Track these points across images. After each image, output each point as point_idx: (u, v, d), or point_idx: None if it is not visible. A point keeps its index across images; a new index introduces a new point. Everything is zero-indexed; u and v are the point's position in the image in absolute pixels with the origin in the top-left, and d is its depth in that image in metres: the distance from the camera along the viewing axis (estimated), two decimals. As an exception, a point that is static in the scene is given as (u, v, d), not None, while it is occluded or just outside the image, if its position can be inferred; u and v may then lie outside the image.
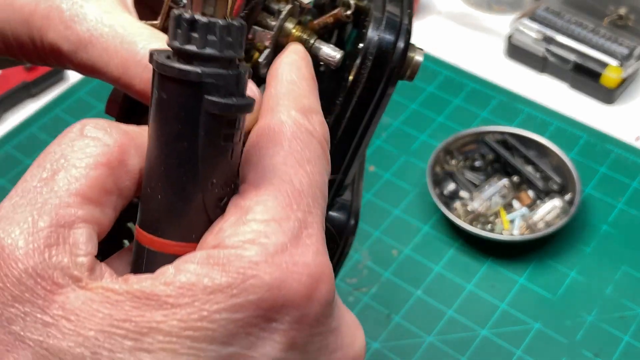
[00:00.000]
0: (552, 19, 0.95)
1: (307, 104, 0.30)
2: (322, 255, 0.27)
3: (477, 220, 0.79)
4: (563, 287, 0.75)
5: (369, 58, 0.30)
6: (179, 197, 0.27)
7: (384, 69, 0.31)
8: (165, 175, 0.27)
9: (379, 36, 0.30)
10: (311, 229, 0.27)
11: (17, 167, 0.87)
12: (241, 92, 0.26)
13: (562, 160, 0.81)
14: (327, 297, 0.27)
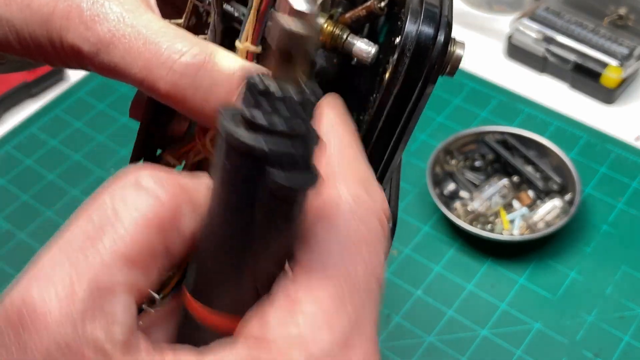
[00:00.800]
0: (552, 19, 0.95)
1: (363, 173, 0.28)
2: (372, 357, 0.26)
3: (477, 220, 0.79)
4: (563, 287, 0.75)
5: (406, 54, 0.28)
6: (230, 269, 0.25)
7: (423, 65, 0.29)
8: (220, 244, 0.25)
9: (418, 30, 0.28)
10: (363, 328, 0.26)
11: (17, 167, 0.87)
12: (306, 166, 0.24)
13: (562, 160, 0.81)
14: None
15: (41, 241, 0.80)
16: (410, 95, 0.29)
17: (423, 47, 0.28)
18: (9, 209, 0.83)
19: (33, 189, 0.85)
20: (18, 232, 0.81)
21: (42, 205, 0.83)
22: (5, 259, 0.79)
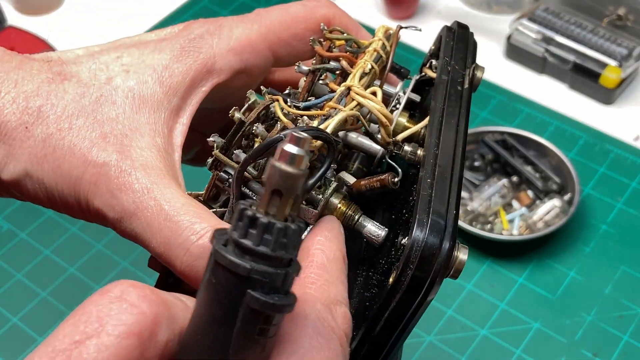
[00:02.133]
0: (552, 19, 0.96)
1: (334, 294, 0.29)
2: None
3: (477, 220, 0.79)
4: (562, 287, 0.75)
5: (411, 264, 0.29)
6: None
7: (426, 274, 0.30)
8: (197, 351, 0.27)
9: (423, 240, 0.29)
10: None
11: (18, 167, 0.87)
12: (285, 290, 0.26)
13: (562, 160, 0.81)
14: None
15: (41, 241, 0.80)
16: (413, 301, 0.31)
17: (427, 257, 0.29)
18: (10, 209, 0.83)
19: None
20: (19, 232, 0.81)
21: (43, 205, 0.83)
22: (5, 258, 0.79)
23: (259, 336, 0.26)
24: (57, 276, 0.77)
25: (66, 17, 1.05)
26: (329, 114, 0.33)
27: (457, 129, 0.33)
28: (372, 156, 0.35)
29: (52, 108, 0.31)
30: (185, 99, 0.33)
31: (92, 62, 0.32)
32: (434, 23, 1.05)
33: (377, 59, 0.35)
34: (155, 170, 0.30)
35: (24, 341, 0.72)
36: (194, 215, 0.29)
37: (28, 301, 0.75)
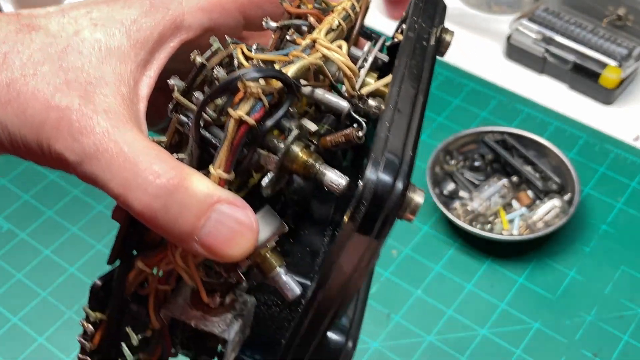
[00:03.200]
0: (552, 19, 0.96)
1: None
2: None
3: (477, 220, 0.79)
4: (562, 287, 0.75)
5: (363, 203, 0.29)
6: None
7: (380, 209, 0.29)
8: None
9: (377, 179, 0.28)
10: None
11: (18, 167, 0.87)
12: None
13: (562, 160, 0.81)
14: None
15: (42, 241, 0.80)
16: (365, 242, 0.30)
17: (380, 195, 0.28)
18: (10, 209, 0.83)
19: (34, 189, 0.85)
20: (19, 232, 0.81)
21: (43, 205, 0.83)
22: (6, 258, 0.79)
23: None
24: (57, 276, 0.77)
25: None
26: (292, 61, 0.32)
27: (420, 80, 0.32)
28: (339, 115, 0.34)
29: (17, 55, 0.31)
30: (153, 53, 0.33)
31: (61, 16, 0.33)
32: (434, 23, 1.05)
33: (345, 17, 0.35)
34: (117, 115, 0.30)
35: (24, 341, 0.72)
36: (154, 157, 0.29)
37: (28, 301, 0.75)
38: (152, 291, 0.33)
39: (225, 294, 0.33)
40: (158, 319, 0.33)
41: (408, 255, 0.78)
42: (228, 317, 0.33)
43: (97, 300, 0.34)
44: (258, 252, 0.30)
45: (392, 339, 0.72)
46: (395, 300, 0.74)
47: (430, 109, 0.93)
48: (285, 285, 0.31)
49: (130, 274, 0.33)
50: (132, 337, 0.33)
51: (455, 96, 0.94)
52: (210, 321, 0.33)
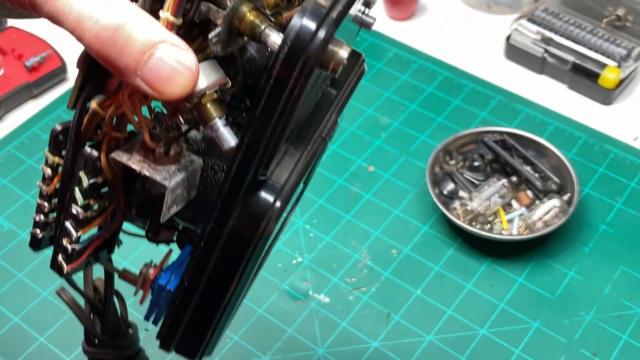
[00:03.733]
0: (551, 19, 0.96)
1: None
2: None
3: (476, 220, 0.79)
4: (562, 287, 0.75)
5: (287, 43, 0.30)
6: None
7: (299, 56, 0.30)
8: None
9: (301, 24, 0.29)
10: None
11: (19, 167, 0.87)
12: None
13: (561, 160, 0.81)
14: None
15: (43, 241, 0.80)
16: (287, 83, 0.31)
17: (301, 40, 0.29)
18: (11, 209, 0.83)
19: (35, 189, 0.85)
20: (20, 232, 0.81)
21: (43, 205, 0.84)
22: (6, 258, 0.79)
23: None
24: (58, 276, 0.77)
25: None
26: None
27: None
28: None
29: None
30: None
31: None
32: (433, 23, 1.06)
33: None
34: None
35: (25, 341, 0.72)
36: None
37: (29, 301, 0.75)
38: (105, 135, 0.35)
39: (170, 145, 0.34)
40: (108, 164, 0.35)
41: (407, 255, 0.78)
42: (172, 169, 0.35)
43: (56, 144, 0.37)
44: (198, 100, 0.32)
45: (392, 338, 0.72)
46: (394, 299, 0.75)
47: (429, 109, 0.93)
48: (222, 135, 0.32)
49: (85, 116, 0.35)
50: (84, 179, 0.35)
51: (455, 96, 0.95)
52: (154, 169, 0.34)
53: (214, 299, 0.37)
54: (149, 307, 0.40)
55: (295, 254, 0.79)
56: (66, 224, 0.37)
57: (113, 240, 0.41)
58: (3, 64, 0.95)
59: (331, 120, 0.40)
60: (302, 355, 0.71)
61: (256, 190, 0.34)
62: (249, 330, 0.73)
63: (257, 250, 0.35)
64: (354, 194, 0.84)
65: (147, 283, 0.39)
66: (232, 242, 0.34)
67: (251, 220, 0.34)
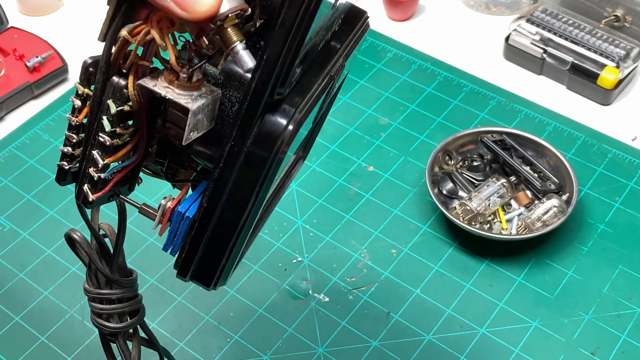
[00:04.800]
0: (550, 20, 0.96)
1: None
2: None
3: (476, 220, 0.80)
4: (561, 286, 0.76)
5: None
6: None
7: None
8: None
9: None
10: None
11: (21, 167, 0.88)
12: None
13: (560, 160, 0.82)
14: None
15: (44, 240, 0.80)
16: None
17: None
18: (12, 208, 0.84)
19: (36, 189, 0.86)
20: (21, 231, 0.81)
21: (44, 205, 0.84)
22: (7, 257, 0.79)
23: None
24: (58, 275, 0.78)
25: (67, 18, 1.06)
26: None
27: None
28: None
29: None
30: None
31: None
32: (433, 24, 1.06)
33: None
34: None
35: (25, 340, 0.73)
36: None
37: (30, 300, 0.76)
38: (133, 64, 0.37)
39: (193, 71, 0.37)
40: (135, 91, 0.37)
41: (407, 255, 0.79)
42: (194, 94, 0.37)
43: (87, 76, 0.40)
44: (221, 22, 0.35)
45: (392, 338, 0.72)
46: (394, 299, 0.75)
47: (429, 110, 0.93)
48: (242, 57, 0.35)
49: (114, 45, 0.37)
50: (112, 106, 0.37)
51: (454, 96, 0.95)
52: (178, 94, 0.37)
53: (230, 220, 0.39)
54: (167, 237, 0.42)
55: (295, 253, 0.79)
56: (93, 153, 0.39)
57: (134, 176, 0.43)
58: (4, 64, 0.96)
59: (339, 63, 0.43)
60: (302, 354, 0.71)
61: (272, 112, 0.37)
62: (249, 329, 0.73)
63: (272, 171, 0.38)
64: (353, 194, 0.85)
65: (166, 214, 0.41)
66: (249, 161, 0.37)
67: (266, 141, 0.37)
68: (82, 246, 0.47)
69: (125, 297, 0.49)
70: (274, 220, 0.82)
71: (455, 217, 0.78)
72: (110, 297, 0.48)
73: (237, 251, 0.41)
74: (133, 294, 0.50)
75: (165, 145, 0.42)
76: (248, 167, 0.37)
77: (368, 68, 0.99)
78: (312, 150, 0.90)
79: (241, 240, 0.41)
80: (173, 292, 0.76)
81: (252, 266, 0.78)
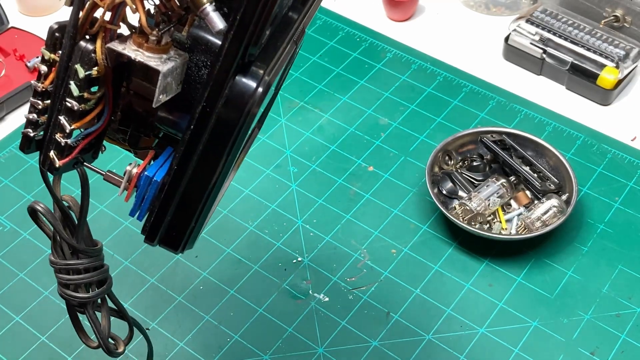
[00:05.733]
0: (549, 20, 0.96)
1: None
2: None
3: (475, 220, 0.80)
4: (560, 286, 0.76)
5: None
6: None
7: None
8: None
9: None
10: None
11: (21, 167, 0.88)
12: None
13: (560, 160, 0.82)
14: None
15: (44, 240, 0.80)
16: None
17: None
18: (12, 208, 0.84)
19: (36, 189, 0.86)
20: (21, 231, 0.82)
21: (44, 205, 0.84)
22: (7, 257, 0.79)
23: None
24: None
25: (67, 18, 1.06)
26: None
27: None
28: None
29: None
30: None
31: None
32: (433, 24, 1.06)
33: None
34: None
35: (25, 340, 0.73)
36: None
37: (30, 300, 0.76)
38: (101, 26, 0.37)
39: (162, 35, 0.37)
40: (103, 55, 0.37)
41: (407, 255, 0.79)
42: (163, 57, 0.37)
43: (53, 41, 0.39)
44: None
45: (391, 337, 0.72)
46: (394, 299, 0.75)
47: (429, 110, 0.94)
48: (212, 18, 0.35)
49: (82, 10, 0.37)
50: (80, 71, 0.37)
51: (454, 97, 0.95)
52: (148, 57, 0.37)
53: (201, 182, 0.40)
54: (134, 202, 0.42)
55: (295, 253, 0.79)
56: (60, 118, 0.39)
57: (98, 144, 0.44)
58: (5, 64, 0.96)
59: (300, 28, 0.44)
60: (302, 354, 0.71)
61: (242, 73, 0.37)
62: (249, 329, 0.73)
63: (242, 132, 0.38)
64: (353, 194, 0.85)
65: (133, 179, 0.42)
66: (221, 122, 0.38)
67: (237, 102, 0.37)
68: (46, 217, 0.47)
69: (92, 267, 0.49)
70: (274, 220, 0.82)
71: (455, 217, 0.78)
72: (77, 267, 0.48)
73: (205, 214, 0.42)
74: (99, 264, 0.50)
75: (128, 113, 0.42)
76: (220, 127, 0.38)
77: (368, 68, 0.99)
78: (312, 150, 0.90)
79: (209, 202, 0.41)
80: (173, 292, 0.76)
81: (252, 266, 0.78)
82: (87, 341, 0.51)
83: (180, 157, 0.39)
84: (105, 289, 0.50)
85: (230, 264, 0.78)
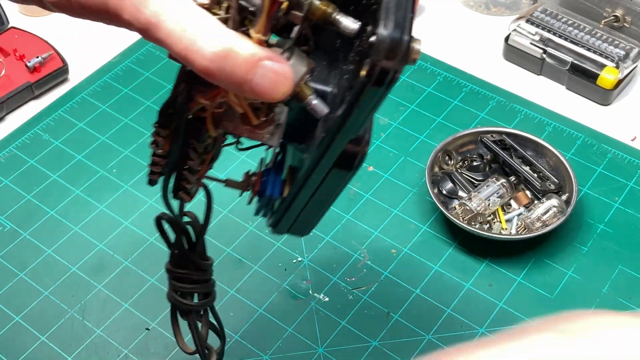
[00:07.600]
0: (550, 20, 0.96)
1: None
2: None
3: (475, 220, 0.80)
4: (560, 286, 0.76)
5: (381, 52, 0.35)
6: None
7: (394, 59, 0.35)
8: None
9: (390, 35, 0.35)
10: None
11: (21, 167, 0.88)
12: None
13: (560, 160, 0.82)
14: None
15: (45, 240, 0.80)
16: (384, 77, 0.36)
17: (392, 49, 0.35)
18: (13, 208, 0.84)
19: (36, 189, 0.86)
20: (21, 231, 0.82)
21: (45, 205, 0.84)
22: (8, 257, 0.79)
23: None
24: (59, 275, 0.78)
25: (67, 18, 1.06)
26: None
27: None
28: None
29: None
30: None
31: None
32: (432, 24, 1.06)
33: None
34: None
35: (25, 340, 0.73)
36: (206, 26, 0.35)
37: (30, 300, 0.76)
38: (209, 113, 0.42)
39: (268, 114, 0.42)
40: (216, 131, 0.42)
41: (407, 255, 0.79)
42: (271, 129, 0.42)
43: (165, 118, 0.43)
44: (294, 88, 0.38)
45: (391, 337, 0.72)
46: (394, 299, 0.75)
47: (429, 110, 0.94)
48: (316, 107, 0.39)
49: (191, 104, 0.41)
50: (198, 147, 0.44)
51: (454, 97, 0.95)
52: (258, 134, 0.42)
53: (322, 200, 0.48)
54: (257, 207, 0.50)
55: (295, 253, 0.79)
56: (185, 173, 0.46)
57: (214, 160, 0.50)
58: (5, 64, 0.96)
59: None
60: (302, 354, 0.71)
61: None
62: (249, 329, 0.73)
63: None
64: (353, 194, 0.85)
65: (256, 184, 0.48)
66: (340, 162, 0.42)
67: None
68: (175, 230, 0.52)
69: (202, 279, 0.54)
70: (274, 220, 0.82)
71: (455, 217, 0.78)
72: (190, 277, 0.53)
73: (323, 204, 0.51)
74: (208, 277, 0.55)
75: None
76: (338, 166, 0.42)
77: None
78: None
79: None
80: (173, 292, 0.76)
81: (252, 266, 0.78)
82: (184, 346, 0.57)
83: (301, 184, 0.44)
84: (209, 301, 0.55)
85: (230, 264, 0.78)
